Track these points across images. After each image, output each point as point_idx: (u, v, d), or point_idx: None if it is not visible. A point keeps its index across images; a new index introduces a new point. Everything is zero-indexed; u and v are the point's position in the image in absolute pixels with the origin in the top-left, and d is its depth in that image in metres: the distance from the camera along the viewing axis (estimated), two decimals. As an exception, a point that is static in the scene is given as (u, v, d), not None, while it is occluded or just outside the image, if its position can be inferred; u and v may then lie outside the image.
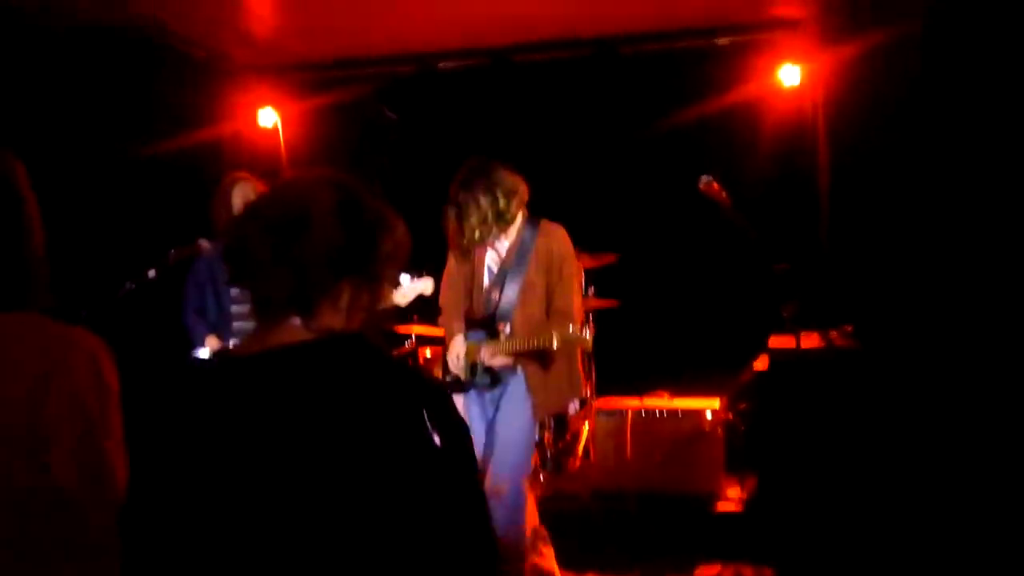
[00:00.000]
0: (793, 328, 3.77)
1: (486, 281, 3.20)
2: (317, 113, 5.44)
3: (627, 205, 5.88)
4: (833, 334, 4.03)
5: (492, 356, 3.11)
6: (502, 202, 3.09)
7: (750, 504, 4.03)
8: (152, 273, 3.02)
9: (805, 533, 3.60)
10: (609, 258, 5.03)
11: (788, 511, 3.71)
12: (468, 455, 1.18)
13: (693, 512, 4.03)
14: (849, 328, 4.14)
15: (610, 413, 4.27)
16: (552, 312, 3.12)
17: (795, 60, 4.90)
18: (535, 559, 3.19)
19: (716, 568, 3.72)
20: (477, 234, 3.10)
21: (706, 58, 5.19)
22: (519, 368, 3.15)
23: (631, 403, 4.29)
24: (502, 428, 3.16)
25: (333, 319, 1.19)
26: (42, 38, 3.91)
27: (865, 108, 4.71)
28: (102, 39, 4.25)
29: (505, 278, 3.14)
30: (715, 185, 3.71)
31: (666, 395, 4.36)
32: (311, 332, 1.17)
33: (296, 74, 5.48)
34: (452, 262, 3.36)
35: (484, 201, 3.07)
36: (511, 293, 3.12)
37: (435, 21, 4.72)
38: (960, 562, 3.25)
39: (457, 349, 3.22)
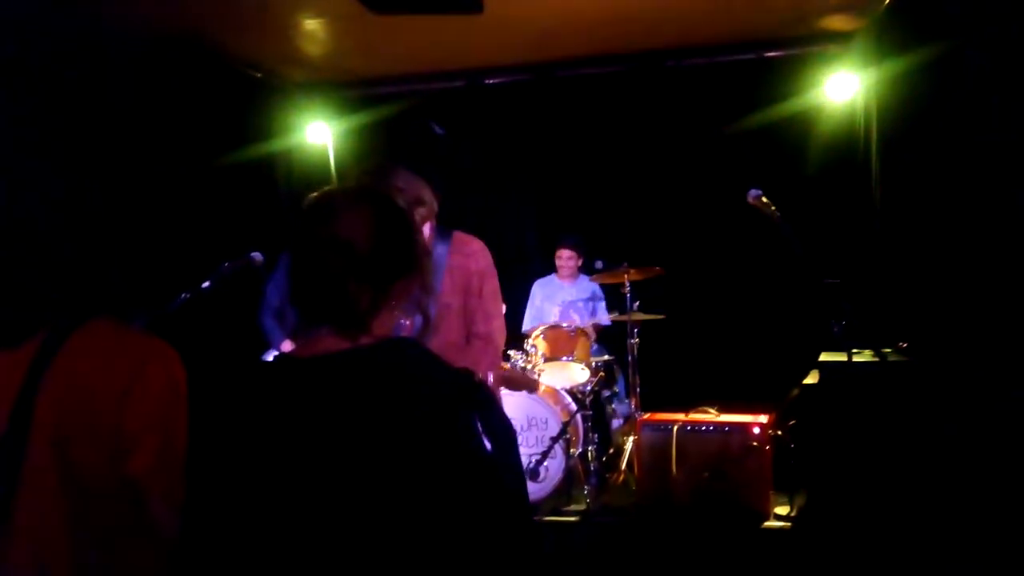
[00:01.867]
0: (845, 343, 3.70)
1: None
2: (366, 128, 5.54)
3: (674, 218, 5.86)
4: (886, 350, 3.94)
5: None
6: (419, 191, 2.60)
7: (799, 522, 3.94)
8: (206, 284, 3.09)
9: (854, 552, 3.51)
10: (655, 271, 5.00)
11: (838, 529, 3.63)
12: (517, 461, 1.21)
13: (741, 529, 3.96)
14: (903, 344, 4.05)
15: (655, 427, 4.22)
16: (473, 337, 2.70)
17: (847, 72, 4.83)
18: None
19: (764, 586, 3.66)
20: None
21: (755, 70, 5.15)
22: None
23: (677, 417, 4.25)
24: None
25: (388, 322, 1.25)
26: (108, 52, 4.07)
27: (917, 121, 4.61)
28: (166, 56, 4.41)
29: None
30: (764, 199, 3.67)
31: (713, 410, 4.31)
32: (368, 336, 1.22)
33: (347, 91, 5.61)
34: None
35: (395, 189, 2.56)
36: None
37: (482, 39, 4.79)
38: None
39: None
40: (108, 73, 4.06)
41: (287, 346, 3.52)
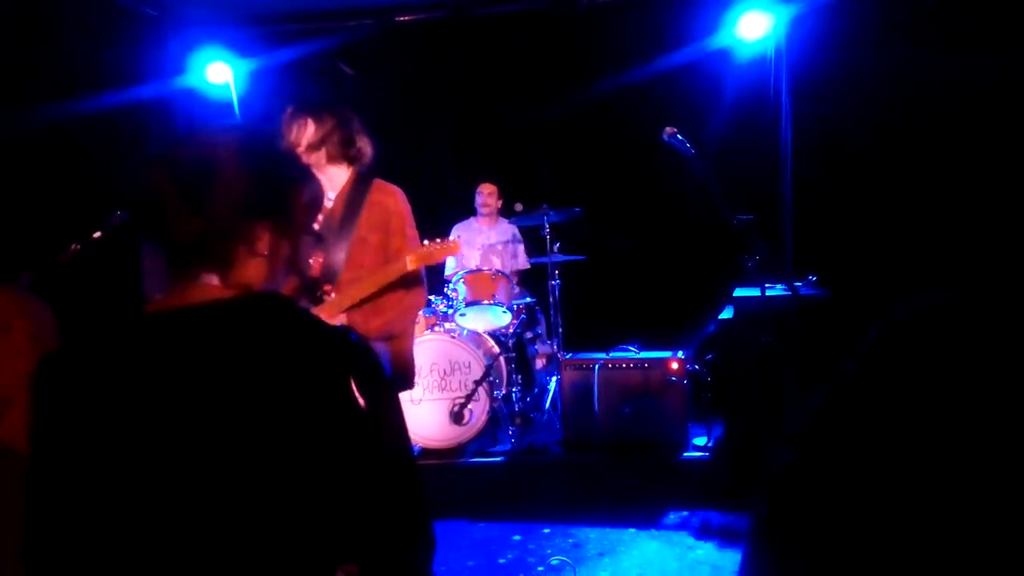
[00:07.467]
0: (758, 278, 3.79)
1: None
2: (272, 69, 5.28)
3: (591, 159, 5.84)
4: (797, 283, 4.05)
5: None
6: (353, 131, 2.64)
7: (716, 451, 4.07)
8: (97, 235, 2.90)
9: (769, 479, 3.65)
10: (574, 213, 4.99)
11: (752, 457, 3.76)
12: (395, 419, 1.14)
13: (661, 461, 4.07)
14: (813, 277, 4.17)
15: (577, 366, 4.27)
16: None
17: (758, 10, 4.84)
18: None
19: (685, 514, 3.77)
20: (305, 149, 2.59)
21: (669, 9, 5.12)
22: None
23: (598, 356, 4.30)
24: None
25: (252, 272, 1.13)
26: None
27: (828, 59, 4.69)
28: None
29: (329, 235, 2.65)
30: (679, 136, 3.68)
31: (634, 348, 4.37)
32: (229, 288, 1.12)
33: (250, 29, 5.31)
34: None
35: (329, 121, 2.61)
36: (338, 251, 2.63)
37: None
38: (927, 492, 3.31)
39: None
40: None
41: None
